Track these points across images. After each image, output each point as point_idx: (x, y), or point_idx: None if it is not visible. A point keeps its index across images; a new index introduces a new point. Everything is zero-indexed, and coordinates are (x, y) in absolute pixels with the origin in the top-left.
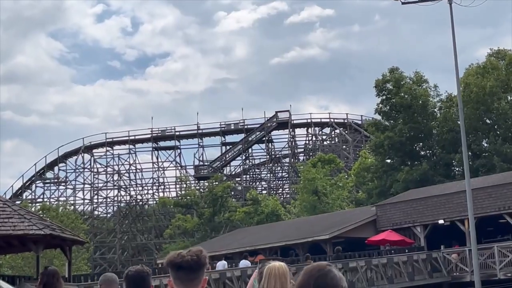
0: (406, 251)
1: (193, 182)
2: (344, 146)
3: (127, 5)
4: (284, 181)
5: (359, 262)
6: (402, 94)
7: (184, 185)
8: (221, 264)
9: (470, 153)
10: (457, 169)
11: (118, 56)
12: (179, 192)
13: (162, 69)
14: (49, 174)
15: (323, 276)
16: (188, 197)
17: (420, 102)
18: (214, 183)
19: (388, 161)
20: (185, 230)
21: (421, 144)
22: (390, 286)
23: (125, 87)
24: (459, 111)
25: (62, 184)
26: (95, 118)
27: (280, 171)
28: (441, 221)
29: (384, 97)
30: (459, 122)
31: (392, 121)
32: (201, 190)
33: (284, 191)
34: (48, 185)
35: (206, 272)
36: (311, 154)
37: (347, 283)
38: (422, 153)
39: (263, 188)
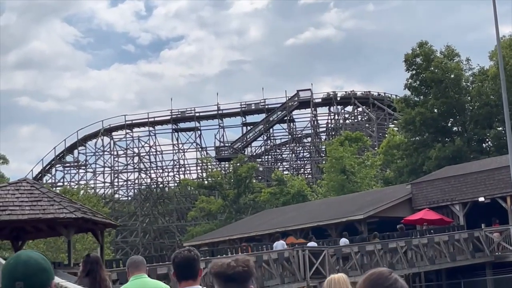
0: (446, 230)
1: (214, 163)
2: (367, 125)
3: None
4: (305, 161)
5: (399, 243)
6: (433, 68)
7: (205, 167)
8: (280, 244)
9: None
10: (491, 145)
11: (133, 40)
12: (200, 174)
13: (176, 53)
14: (68, 158)
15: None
16: (211, 178)
17: (452, 76)
18: (237, 164)
19: (418, 138)
20: (209, 212)
21: (453, 119)
22: (431, 266)
23: (140, 71)
24: (501, 82)
25: (82, 167)
26: (111, 102)
27: (302, 151)
28: (481, 199)
29: (413, 72)
30: (492, 97)
31: (422, 97)
32: (222, 171)
33: (305, 171)
34: (68, 168)
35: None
36: (333, 133)
37: (388, 264)
38: (455, 129)
39: (284, 168)
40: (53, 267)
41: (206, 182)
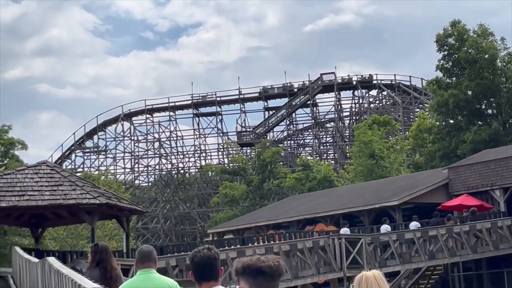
0: (488, 217)
1: (236, 149)
2: (392, 109)
3: None
4: (328, 146)
5: (440, 230)
6: (466, 48)
7: (226, 152)
8: (384, 228)
9: None
10: None
11: (151, 27)
12: (222, 159)
13: (194, 39)
14: (88, 143)
15: None
16: (235, 163)
17: (487, 56)
18: (258, 149)
19: (451, 121)
20: (233, 198)
21: (487, 101)
22: (473, 255)
23: (158, 57)
24: None
25: (102, 153)
26: (129, 89)
27: (325, 136)
28: None
29: (445, 52)
30: None
31: (454, 78)
32: (244, 156)
33: (328, 157)
34: (88, 154)
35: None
36: (357, 117)
37: (428, 253)
38: (489, 111)
39: (307, 154)
40: (75, 256)
41: (229, 167)
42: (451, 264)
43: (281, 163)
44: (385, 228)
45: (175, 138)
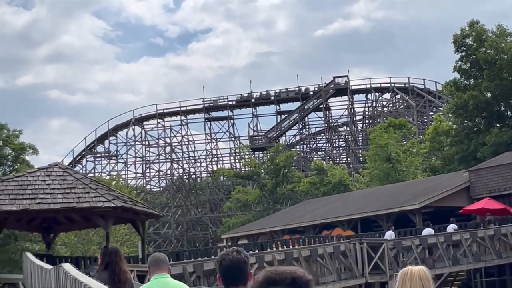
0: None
1: (248, 153)
2: (406, 112)
3: None
4: (341, 151)
5: (463, 235)
6: (485, 49)
7: (238, 157)
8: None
9: None
10: None
11: (161, 33)
12: (233, 164)
13: (204, 45)
14: (99, 148)
15: None
16: (248, 168)
17: (506, 57)
18: (271, 153)
19: (470, 123)
20: (246, 203)
21: (508, 103)
22: (498, 260)
23: (168, 63)
24: None
25: (113, 157)
26: (140, 95)
27: (337, 140)
28: None
29: (463, 53)
30: None
31: (472, 80)
32: (257, 161)
33: (341, 161)
34: (99, 159)
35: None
36: (370, 121)
37: (452, 258)
38: (510, 113)
39: (320, 158)
40: (89, 262)
41: (242, 171)
42: (474, 270)
43: (293, 167)
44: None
45: (186, 143)
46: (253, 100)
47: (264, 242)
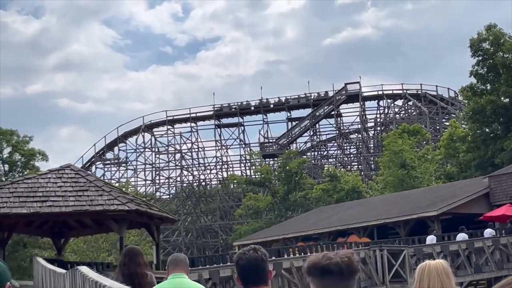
0: None
1: (258, 160)
2: (418, 119)
3: None
4: (352, 158)
5: (486, 242)
6: (502, 53)
7: (249, 164)
8: (429, 239)
9: None
10: None
11: (170, 41)
12: (244, 171)
13: (213, 54)
14: (109, 155)
15: None
16: (259, 174)
17: None
18: (283, 160)
19: (487, 129)
20: (257, 210)
21: None
22: None
23: (177, 72)
24: None
25: (123, 164)
26: (148, 103)
27: (349, 147)
28: None
29: (480, 58)
30: None
31: (489, 85)
32: (269, 167)
33: (352, 168)
34: (108, 166)
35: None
36: (382, 128)
37: (474, 266)
38: None
39: (331, 165)
40: (101, 268)
41: (254, 178)
42: (495, 278)
43: (305, 174)
44: (462, 236)
45: (196, 150)
46: (263, 107)
47: (281, 249)
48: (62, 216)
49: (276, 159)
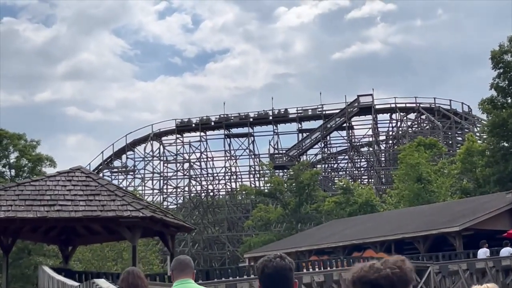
0: None
1: (268, 171)
2: (431, 133)
3: (188, 2)
4: (362, 171)
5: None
6: None
7: (258, 175)
8: (482, 252)
9: None
10: None
11: (179, 52)
12: (253, 182)
13: (221, 65)
14: (116, 163)
15: None
16: (270, 185)
17: None
18: (296, 170)
19: (507, 144)
20: (267, 221)
21: None
22: None
23: (185, 83)
24: None
25: (130, 173)
26: (156, 114)
27: (359, 160)
28: None
29: (501, 70)
30: None
31: (510, 99)
32: (281, 178)
33: (362, 181)
34: (116, 174)
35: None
36: (394, 141)
37: (501, 285)
38: None
39: (340, 177)
40: (111, 279)
41: (265, 189)
42: None
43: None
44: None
45: (205, 159)
46: (274, 118)
47: (300, 262)
48: (71, 222)
49: (286, 170)
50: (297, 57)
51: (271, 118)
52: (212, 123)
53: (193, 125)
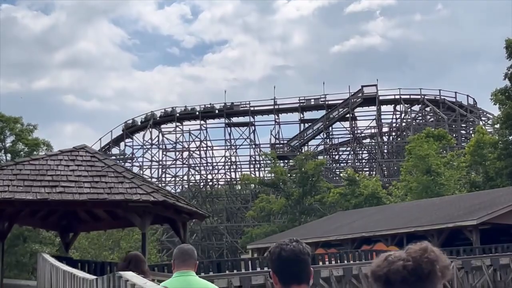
0: None
1: (269, 161)
2: (436, 125)
3: None
4: (364, 163)
5: None
6: None
7: (259, 165)
8: None
9: None
10: None
11: (177, 43)
12: (253, 172)
13: (219, 56)
14: (114, 150)
15: None
16: (272, 175)
17: None
18: (299, 160)
19: None
20: (270, 212)
21: None
22: None
23: (183, 73)
24: None
25: (129, 161)
26: (154, 104)
27: (361, 152)
28: None
29: None
30: None
31: None
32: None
33: (364, 173)
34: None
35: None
36: (398, 133)
37: None
38: None
39: (341, 170)
40: (114, 269)
41: (267, 179)
42: None
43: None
44: None
45: (205, 149)
46: (276, 107)
47: (316, 255)
48: (75, 205)
49: (286, 161)
50: (296, 50)
51: (273, 107)
52: (217, 111)
53: (197, 113)
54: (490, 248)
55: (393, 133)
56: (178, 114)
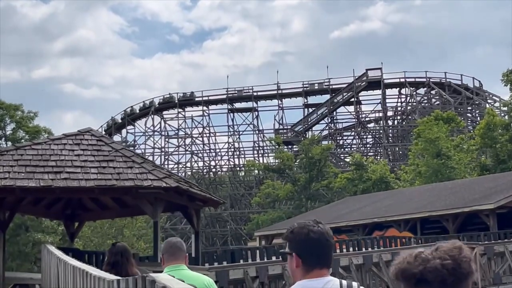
0: None
1: (273, 147)
2: (442, 109)
3: None
4: (369, 148)
5: None
6: None
7: (262, 151)
8: None
9: None
10: None
11: (176, 30)
12: (257, 158)
13: (219, 43)
14: (116, 137)
15: None
16: (280, 160)
17: None
18: (305, 145)
19: None
20: (275, 199)
21: None
22: None
23: (183, 60)
24: None
25: (131, 148)
26: (154, 91)
27: (366, 137)
28: None
29: None
30: None
31: None
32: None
33: (368, 158)
34: None
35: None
36: (403, 117)
37: None
38: None
39: (346, 155)
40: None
41: (271, 164)
42: None
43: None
44: None
45: (207, 135)
46: (279, 92)
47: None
48: (81, 193)
49: (290, 146)
50: (295, 36)
51: (276, 92)
52: (220, 96)
53: (196, 98)
54: (510, 232)
55: (398, 117)
56: (181, 100)
